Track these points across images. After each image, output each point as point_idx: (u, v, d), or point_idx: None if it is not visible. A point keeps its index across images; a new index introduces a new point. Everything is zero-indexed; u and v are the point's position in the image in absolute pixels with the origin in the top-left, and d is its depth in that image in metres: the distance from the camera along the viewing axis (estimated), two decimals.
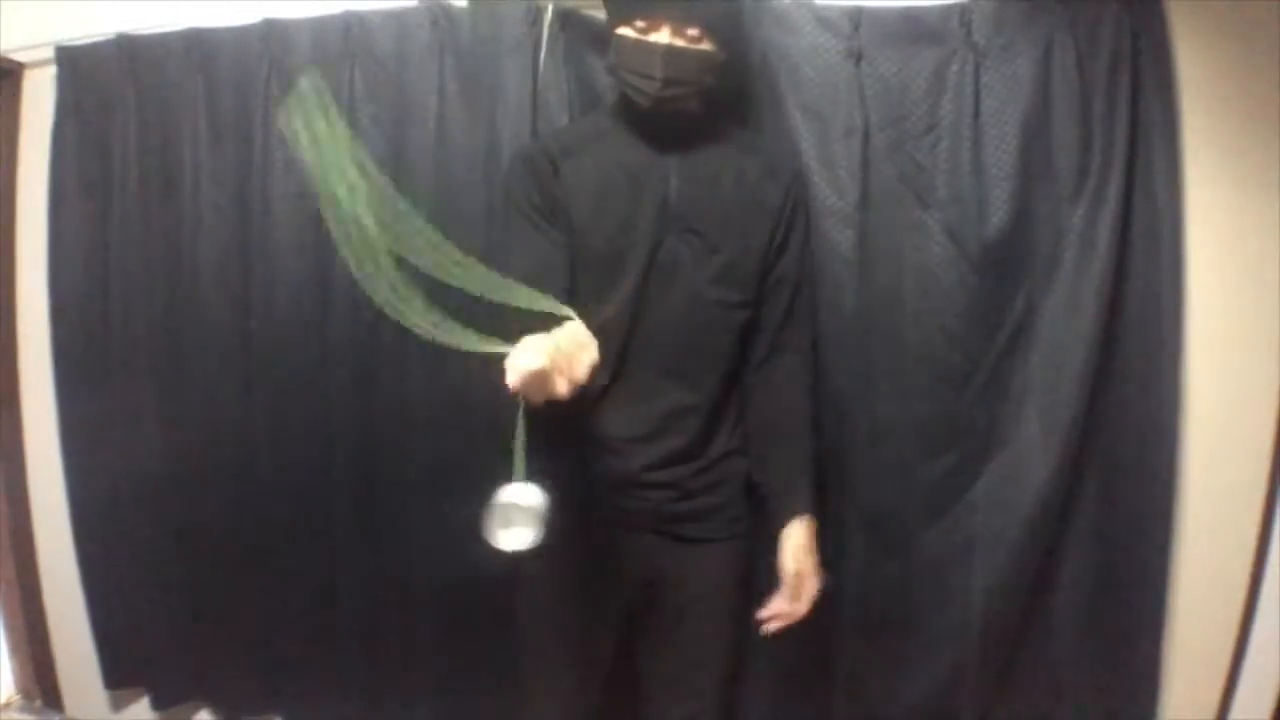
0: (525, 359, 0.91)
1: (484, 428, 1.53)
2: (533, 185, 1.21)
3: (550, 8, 1.46)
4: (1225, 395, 1.40)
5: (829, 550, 1.46)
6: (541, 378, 0.91)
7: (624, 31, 1.17)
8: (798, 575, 1.23)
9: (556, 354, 0.92)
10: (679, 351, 1.21)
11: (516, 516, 1.01)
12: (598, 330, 1.17)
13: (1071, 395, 1.36)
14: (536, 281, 1.19)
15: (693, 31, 1.15)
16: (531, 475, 1.02)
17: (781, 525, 1.25)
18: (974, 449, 1.43)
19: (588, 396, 1.14)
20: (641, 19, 1.15)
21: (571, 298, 1.22)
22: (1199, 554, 1.42)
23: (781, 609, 1.24)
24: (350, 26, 1.55)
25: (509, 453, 1.01)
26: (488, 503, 1.01)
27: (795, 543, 1.24)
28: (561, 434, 1.26)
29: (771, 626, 1.24)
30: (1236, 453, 1.41)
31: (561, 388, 0.94)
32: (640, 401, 1.21)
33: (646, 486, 1.23)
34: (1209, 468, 1.41)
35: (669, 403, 1.21)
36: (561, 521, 1.28)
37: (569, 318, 0.98)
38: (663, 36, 1.14)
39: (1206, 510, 1.42)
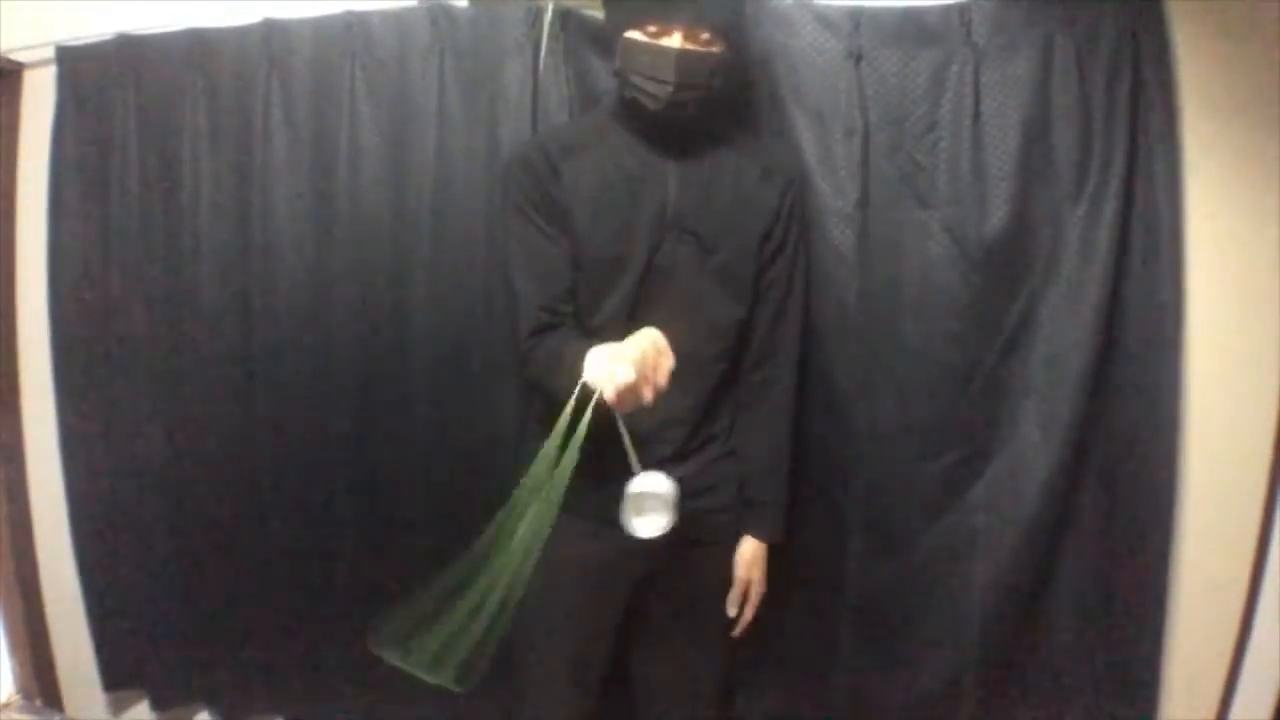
0: (620, 372, 0.95)
1: (485, 426, 1.54)
2: (532, 186, 1.21)
3: (550, 8, 1.46)
4: (1225, 395, 1.40)
5: (829, 551, 1.47)
6: (633, 389, 0.96)
7: (633, 35, 1.16)
8: (746, 583, 1.32)
9: (643, 363, 0.97)
10: (678, 353, 1.21)
11: (649, 504, 1.09)
12: (595, 332, 1.17)
13: (1071, 395, 1.36)
14: (541, 278, 1.21)
15: (705, 35, 1.15)
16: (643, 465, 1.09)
17: (742, 534, 1.32)
18: (974, 449, 1.43)
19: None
20: (653, 23, 1.14)
21: (572, 298, 1.22)
22: (1199, 555, 1.42)
23: (730, 612, 1.32)
24: (350, 26, 1.55)
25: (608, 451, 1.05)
26: (621, 494, 1.08)
27: (748, 555, 1.32)
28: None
29: (736, 630, 1.33)
30: (1236, 453, 1.41)
31: (649, 396, 0.99)
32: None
33: None
34: (1209, 468, 1.41)
35: (668, 403, 1.21)
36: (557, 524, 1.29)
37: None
38: (675, 41, 1.14)
39: (1206, 511, 1.41)
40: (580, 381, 1.02)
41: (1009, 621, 1.43)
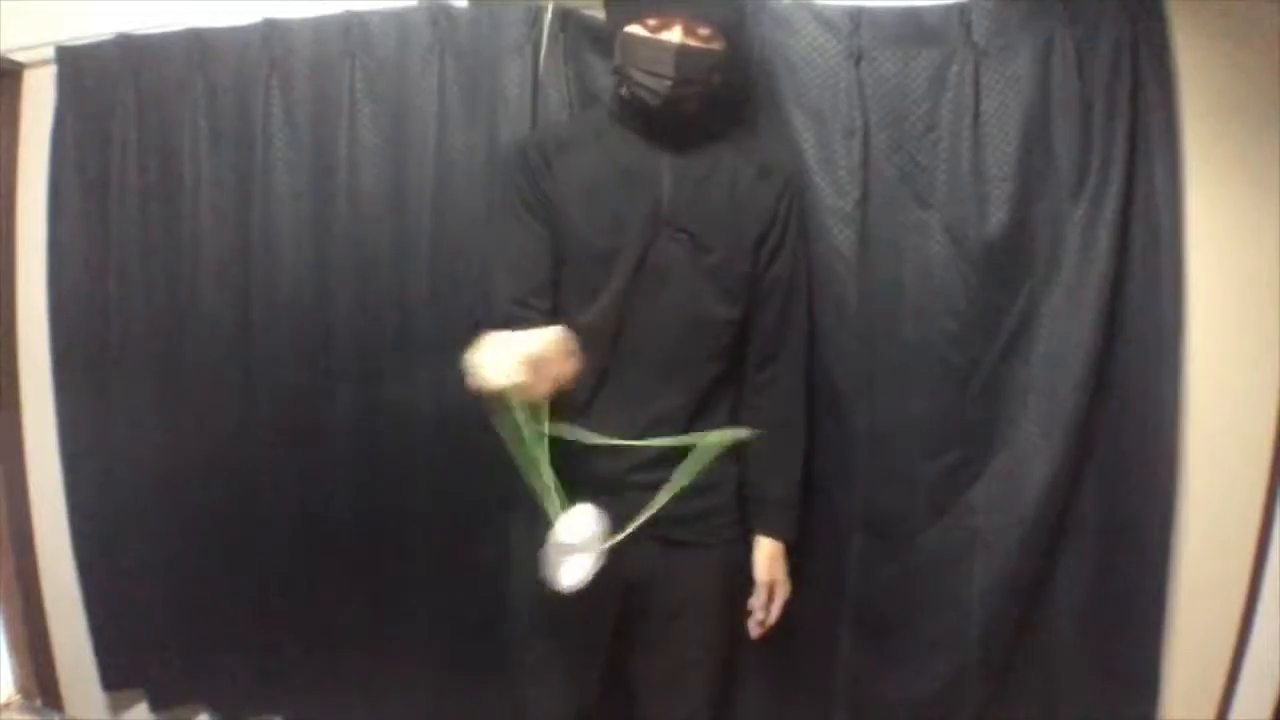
0: (494, 374, 0.98)
1: (484, 427, 1.54)
2: (524, 179, 1.22)
3: (550, 8, 1.46)
4: (1225, 395, 1.40)
5: (829, 551, 1.47)
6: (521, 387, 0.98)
7: (633, 30, 1.16)
8: (770, 585, 1.31)
9: (529, 366, 0.98)
10: (669, 352, 1.21)
11: (570, 550, 1.04)
12: (587, 328, 1.18)
13: (1071, 395, 1.36)
14: (518, 271, 1.22)
15: (704, 30, 1.15)
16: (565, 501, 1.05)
17: (758, 534, 1.32)
18: (974, 449, 1.43)
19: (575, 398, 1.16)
20: (653, 17, 1.14)
21: (554, 292, 1.23)
22: (1199, 554, 1.42)
23: (757, 615, 1.31)
24: (350, 26, 1.55)
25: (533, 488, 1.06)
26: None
27: (767, 554, 1.32)
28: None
29: (755, 632, 1.32)
30: (1236, 453, 1.41)
31: (541, 390, 1.00)
32: (629, 401, 1.21)
33: (635, 488, 1.22)
34: (1209, 468, 1.41)
35: (659, 403, 1.21)
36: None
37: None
38: (674, 35, 1.14)
39: (1206, 510, 1.41)
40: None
41: (1009, 621, 1.43)
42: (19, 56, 1.79)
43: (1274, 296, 1.37)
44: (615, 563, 1.26)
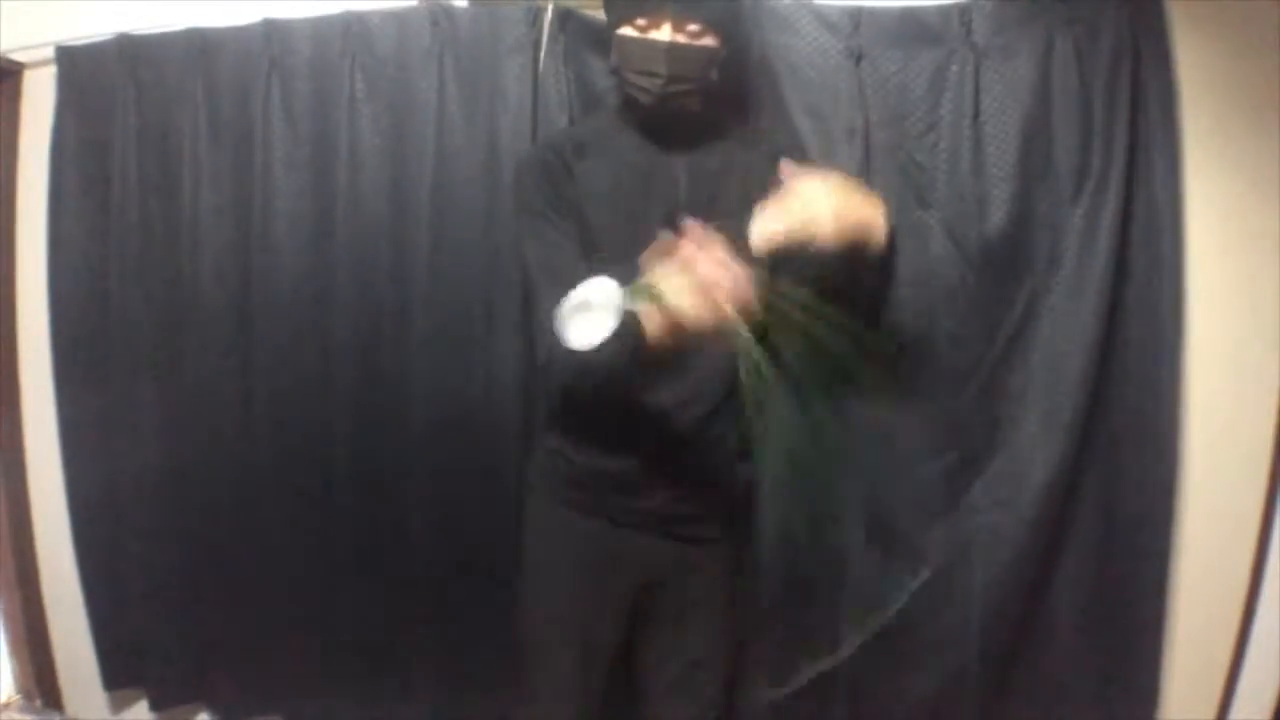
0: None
1: (486, 426, 1.54)
2: (547, 184, 1.20)
3: (550, 8, 1.47)
4: (1225, 395, 1.40)
5: (829, 549, 1.46)
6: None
7: (625, 31, 1.17)
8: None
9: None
10: (684, 351, 1.21)
11: (588, 309, 1.00)
12: None
13: (1071, 395, 1.36)
14: (555, 275, 1.19)
15: (694, 27, 1.15)
16: None
17: None
18: (974, 449, 1.43)
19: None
20: (642, 17, 1.15)
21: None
22: (1199, 554, 1.42)
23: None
24: (350, 26, 1.55)
25: None
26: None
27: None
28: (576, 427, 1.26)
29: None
30: (1236, 453, 1.41)
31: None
32: (642, 400, 1.21)
33: (646, 486, 1.23)
34: (1209, 468, 1.41)
35: (671, 401, 1.21)
36: (560, 523, 1.29)
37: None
38: (664, 34, 1.15)
39: (1206, 510, 1.41)
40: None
41: (1009, 621, 1.43)
42: (19, 56, 1.79)
43: (1274, 296, 1.37)
44: (626, 563, 1.26)
